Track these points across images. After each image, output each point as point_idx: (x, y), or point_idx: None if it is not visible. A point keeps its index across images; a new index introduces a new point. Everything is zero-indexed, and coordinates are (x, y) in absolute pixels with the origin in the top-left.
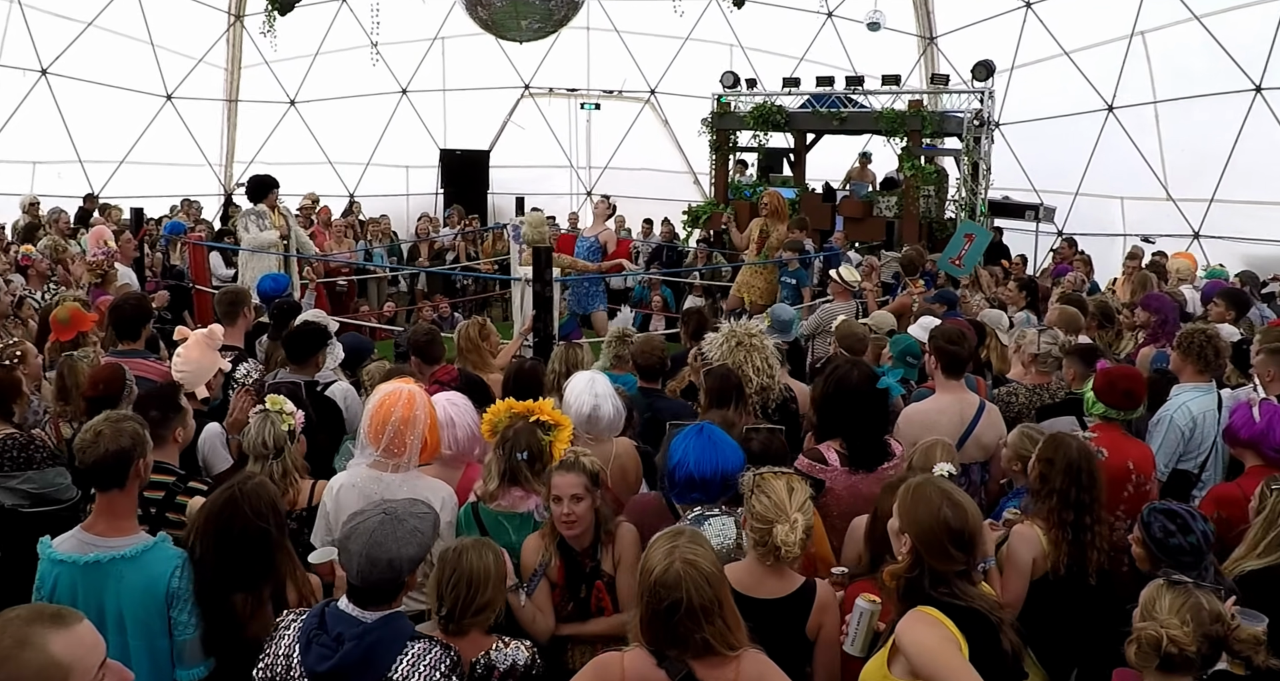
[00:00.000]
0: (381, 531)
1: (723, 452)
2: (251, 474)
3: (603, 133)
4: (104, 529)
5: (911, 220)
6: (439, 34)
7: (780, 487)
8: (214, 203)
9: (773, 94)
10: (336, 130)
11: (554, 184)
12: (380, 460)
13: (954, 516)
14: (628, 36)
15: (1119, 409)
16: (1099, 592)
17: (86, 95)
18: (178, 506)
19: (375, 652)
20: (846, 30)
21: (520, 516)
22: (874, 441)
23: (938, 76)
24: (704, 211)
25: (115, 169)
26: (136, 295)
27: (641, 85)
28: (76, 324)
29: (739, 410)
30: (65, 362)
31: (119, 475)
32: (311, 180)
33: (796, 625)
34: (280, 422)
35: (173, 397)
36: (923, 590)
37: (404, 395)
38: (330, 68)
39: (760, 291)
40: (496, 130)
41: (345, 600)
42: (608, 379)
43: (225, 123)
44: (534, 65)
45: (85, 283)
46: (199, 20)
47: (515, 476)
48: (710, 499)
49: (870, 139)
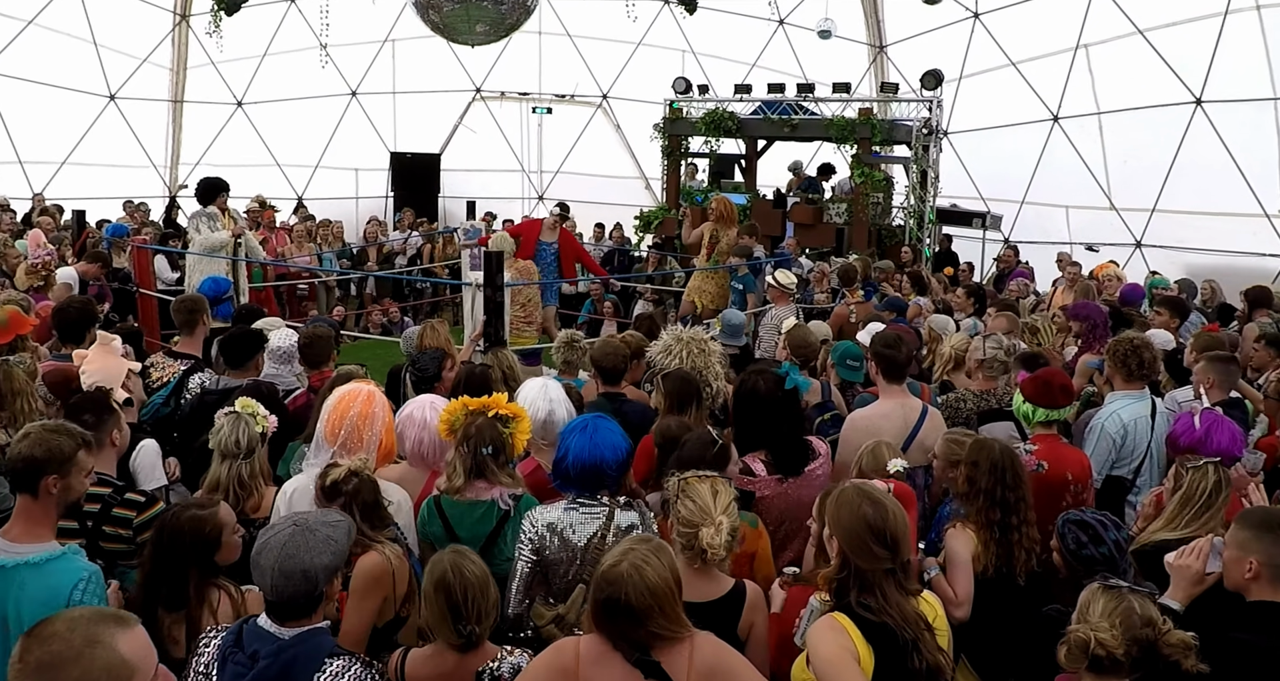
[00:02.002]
0: (294, 543)
1: (600, 448)
2: (193, 504)
3: (555, 137)
4: (18, 533)
5: (861, 227)
6: (389, 36)
7: (705, 491)
8: (159, 204)
9: (724, 100)
10: (285, 132)
11: (506, 188)
12: (335, 462)
13: (873, 514)
14: (580, 41)
15: (1049, 407)
16: (1029, 594)
17: (27, 95)
18: (114, 519)
19: (292, 670)
20: (798, 38)
21: (484, 505)
22: (795, 445)
23: (887, 85)
24: (656, 216)
25: (57, 170)
26: (81, 299)
27: (594, 90)
28: (15, 326)
29: (698, 414)
30: (0, 368)
31: (29, 482)
32: (259, 183)
33: (729, 626)
34: (254, 424)
35: (103, 401)
36: (847, 593)
37: (363, 393)
38: (278, 69)
39: (712, 296)
40: (447, 133)
41: (264, 616)
42: (559, 384)
43: (171, 124)
44: (486, 68)
45: (27, 285)
46: (143, 20)
47: (481, 470)
48: (583, 492)
49: (820, 146)
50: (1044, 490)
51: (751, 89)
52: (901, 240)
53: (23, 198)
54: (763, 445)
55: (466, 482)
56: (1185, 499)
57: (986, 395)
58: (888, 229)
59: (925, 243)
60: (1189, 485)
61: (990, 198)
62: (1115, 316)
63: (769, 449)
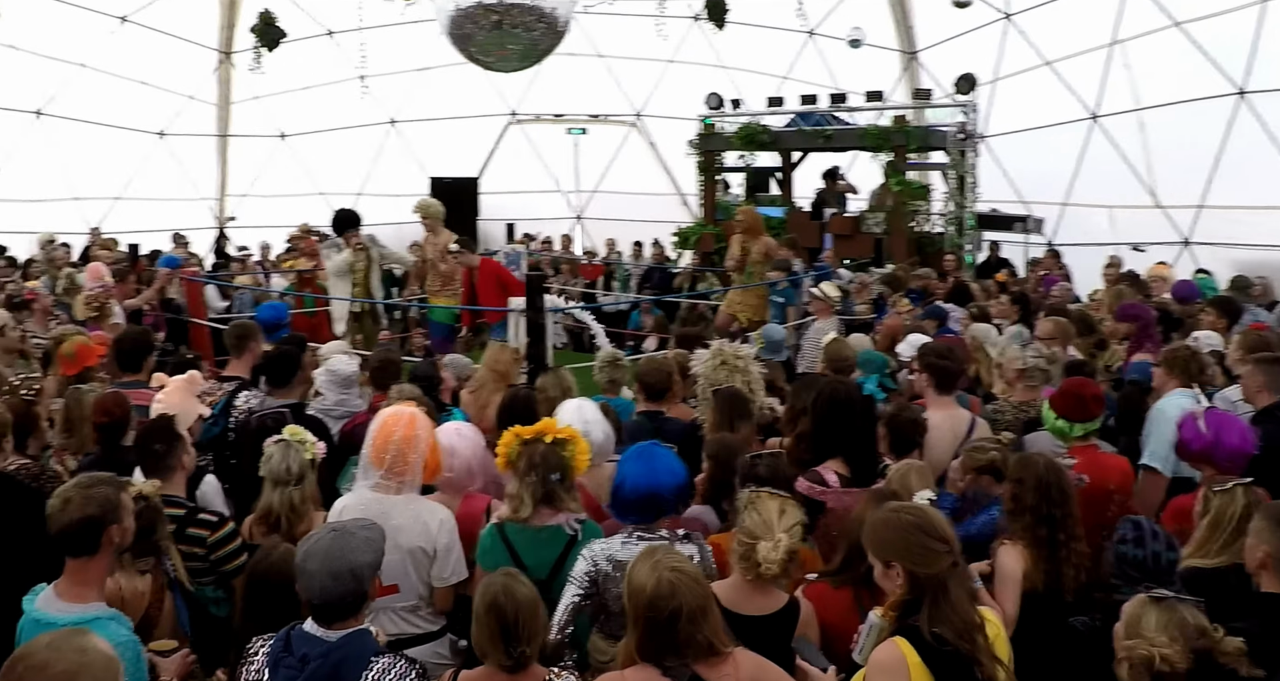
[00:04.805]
0: (336, 546)
1: (658, 474)
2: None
3: (590, 157)
4: (65, 592)
5: (900, 236)
6: (425, 65)
7: (772, 508)
8: (208, 236)
9: (757, 114)
10: (327, 162)
11: (544, 209)
12: (383, 482)
13: (915, 517)
14: (611, 61)
15: (1084, 420)
16: (1078, 611)
17: (82, 134)
18: (189, 538)
19: (341, 670)
20: (828, 48)
21: (550, 530)
22: (871, 457)
23: (920, 91)
24: (694, 232)
25: (111, 206)
26: (138, 329)
27: (627, 109)
28: (82, 358)
29: (748, 429)
30: (72, 395)
31: (88, 543)
32: (304, 212)
33: (782, 641)
34: (304, 451)
35: (171, 428)
36: (913, 613)
37: (405, 416)
38: (319, 101)
39: (753, 308)
40: (485, 157)
41: (310, 622)
42: (595, 404)
43: (218, 158)
44: (520, 92)
45: (83, 317)
46: (189, 58)
47: (550, 497)
48: (645, 520)
49: (856, 156)
50: (1086, 503)
51: (784, 101)
52: (942, 247)
53: (79, 233)
54: (838, 454)
55: (534, 511)
56: (1214, 524)
57: (1026, 406)
58: (927, 237)
59: (967, 249)
60: (1217, 510)
61: (1031, 201)
62: (1164, 318)
63: (845, 458)
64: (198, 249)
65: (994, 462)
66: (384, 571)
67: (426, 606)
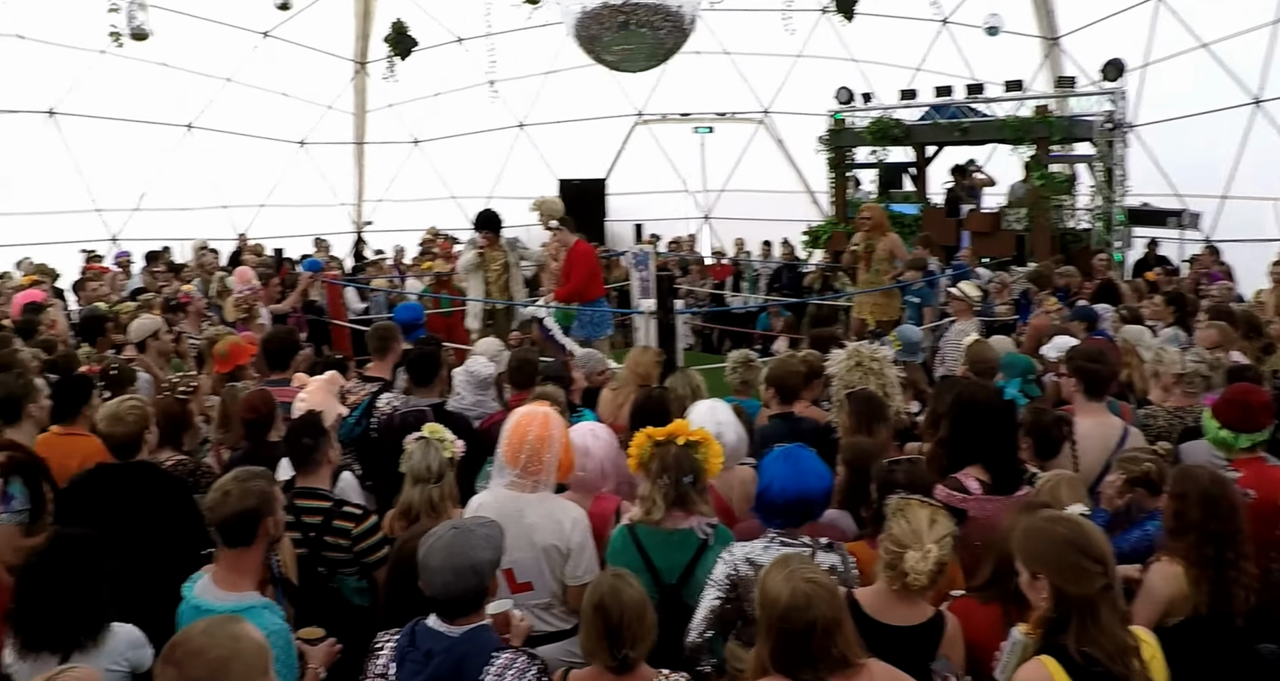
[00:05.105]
0: (457, 543)
1: (805, 477)
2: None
3: (717, 155)
4: (221, 581)
5: (1043, 233)
6: (552, 68)
7: (923, 516)
8: (347, 240)
9: (890, 107)
10: (458, 166)
11: (671, 209)
12: (517, 481)
13: (1071, 532)
14: (738, 57)
15: (1251, 431)
16: (1249, 636)
17: (229, 145)
18: (335, 530)
19: (463, 665)
20: (963, 37)
21: (681, 533)
22: (1013, 463)
23: (1064, 79)
24: (824, 231)
25: (257, 212)
26: (285, 329)
27: (754, 105)
28: (235, 357)
29: (885, 434)
30: (228, 393)
31: (246, 534)
32: (436, 215)
33: (924, 655)
34: (443, 449)
35: (319, 424)
36: (1060, 632)
37: (539, 416)
38: (449, 107)
39: (882, 308)
40: (612, 158)
41: (433, 617)
42: (728, 406)
43: (355, 164)
44: (646, 92)
45: (232, 318)
46: (327, 69)
47: (683, 500)
48: (791, 524)
49: (994, 150)
50: (1253, 520)
51: (917, 94)
52: (1088, 245)
53: (228, 239)
54: (978, 460)
55: (666, 514)
56: None
57: (1181, 412)
58: (1072, 234)
59: (1116, 246)
60: None
61: (1187, 194)
62: None
63: (985, 464)
64: (337, 252)
65: (1149, 474)
66: (518, 569)
67: (560, 605)
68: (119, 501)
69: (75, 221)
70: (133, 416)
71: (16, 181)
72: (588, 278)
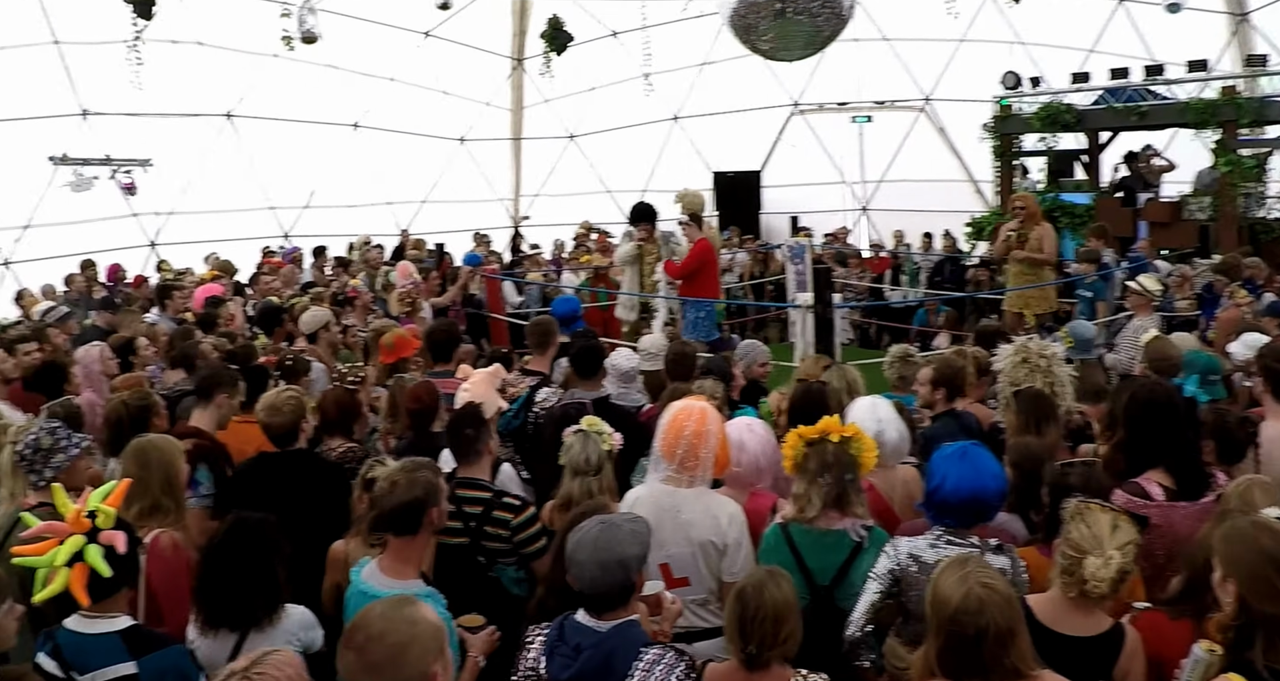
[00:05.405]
0: (604, 537)
1: (982, 476)
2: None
3: (875, 145)
4: (387, 568)
5: (1229, 222)
6: (707, 60)
7: (1104, 521)
8: (504, 235)
9: (1060, 92)
10: (613, 160)
11: (827, 201)
12: (673, 475)
13: (1273, 545)
14: (898, 43)
15: None
16: None
17: (391, 143)
18: (495, 520)
19: (612, 660)
20: (1141, 15)
21: (836, 534)
22: (1197, 466)
23: (1254, 57)
24: (989, 222)
25: (419, 208)
26: (448, 322)
27: (914, 93)
28: (400, 349)
29: (1055, 435)
30: (396, 383)
31: (411, 523)
32: (591, 209)
33: (1102, 668)
34: (601, 442)
35: (480, 415)
36: (1247, 647)
37: (695, 411)
38: (604, 101)
39: (1038, 302)
40: (767, 150)
41: (581, 612)
42: (888, 402)
43: (512, 160)
44: (802, 82)
45: (397, 312)
46: (485, 67)
47: (842, 500)
48: (963, 524)
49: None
50: None
51: (1090, 77)
52: (1279, 235)
53: (391, 235)
54: (1160, 463)
55: (821, 512)
56: None
57: None
58: (1263, 224)
59: None
60: None
61: None
62: None
63: (1168, 468)
64: (495, 247)
65: None
66: (675, 564)
67: (716, 601)
68: (279, 488)
69: (251, 219)
70: (289, 407)
71: (199, 182)
72: (696, 267)
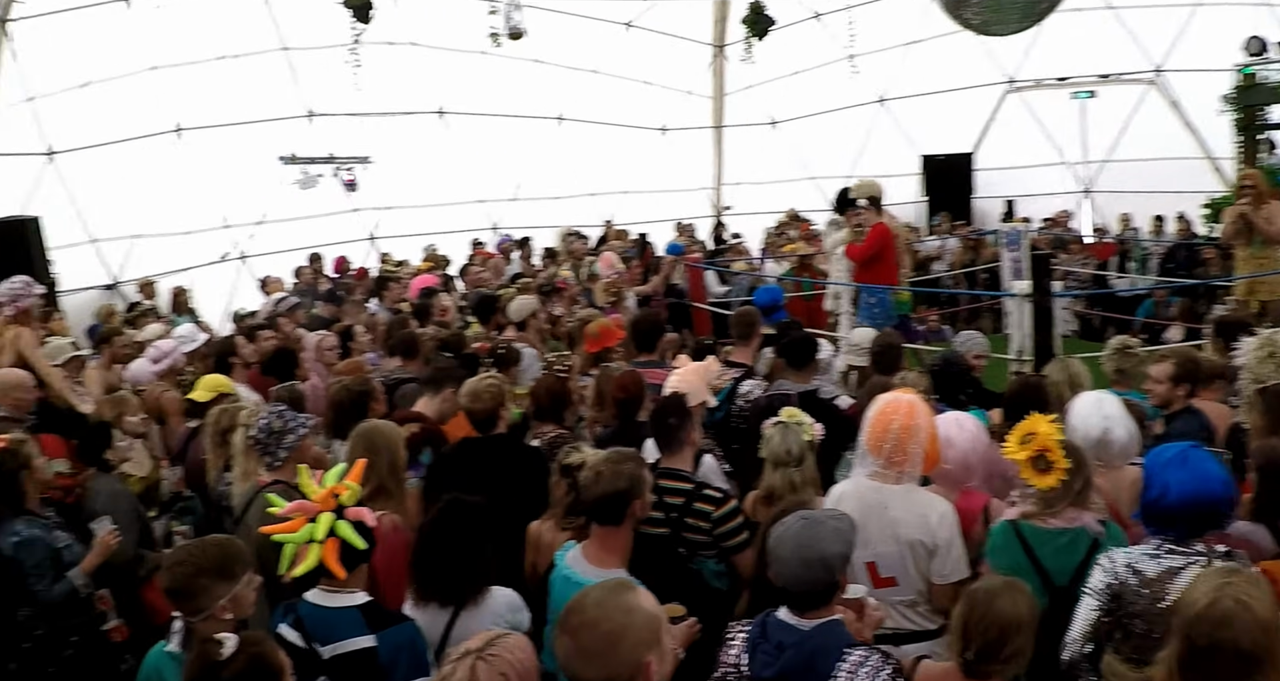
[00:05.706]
0: (805, 534)
1: (1209, 481)
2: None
3: (1099, 122)
4: (591, 556)
5: None
6: (914, 38)
7: None
8: (706, 223)
9: None
10: (816, 146)
11: (1045, 183)
12: (880, 471)
13: None
14: (1124, 11)
15: None
16: None
17: (594, 135)
18: (696, 512)
19: (815, 660)
20: None
21: (1072, 532)
22: None
23: None
24: (1228, 202)
25: (621, 199)
26: (652, 312)
27: (1143, 65)
28: (605, 338)
29: None
30: (603, 372)
31: (615, 514)
32: (795, 197)
33: None
34: (802, 433)
35: (683, 405)
36: None
37: (904, 404)
38: (807, 85)
39: (1270, 286)
40: (980, 131)
41: (784, 610)
42: (1116, 399)
43: (714, 148)
44: (1018, 57)
45: (602, 302)
46: (686, 55)
47: (1083, 497)
48: (1184, 534)
49: None
50: None
51: None
52: None
53: (594, 225)
54: None
55: (1058, 509)
56: None
57: None
58: None
59: None
60: None
61: None
62: None
63: None
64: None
65: None
66: (882, 563)
67: (925, 603)
68: (482, 471)
69: (462, 212)
70: (489, 393)
71: (412, 177)
72: (875, 251)
